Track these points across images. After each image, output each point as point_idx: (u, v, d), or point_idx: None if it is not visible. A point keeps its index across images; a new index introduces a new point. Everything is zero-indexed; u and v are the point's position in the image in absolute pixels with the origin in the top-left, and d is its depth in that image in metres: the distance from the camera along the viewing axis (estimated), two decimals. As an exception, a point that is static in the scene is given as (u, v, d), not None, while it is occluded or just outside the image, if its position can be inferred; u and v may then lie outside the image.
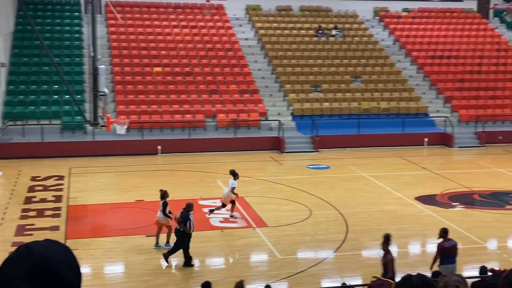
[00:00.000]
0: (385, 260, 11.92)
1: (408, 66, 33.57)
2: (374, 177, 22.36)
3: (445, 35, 35.83)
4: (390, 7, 38.21)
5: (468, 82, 32.16)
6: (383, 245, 12.09)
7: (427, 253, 15.80)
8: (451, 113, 30.16)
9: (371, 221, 17.59)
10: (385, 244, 12.03)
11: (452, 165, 25.58)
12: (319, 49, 33.47)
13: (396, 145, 27.54)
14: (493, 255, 15.34)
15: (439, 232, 12.71)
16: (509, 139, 28.60)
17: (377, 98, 30.39)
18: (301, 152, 26.41)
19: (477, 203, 19.86)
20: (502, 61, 34.11)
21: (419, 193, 20.34)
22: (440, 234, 12.66)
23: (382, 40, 35.46)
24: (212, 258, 15.12)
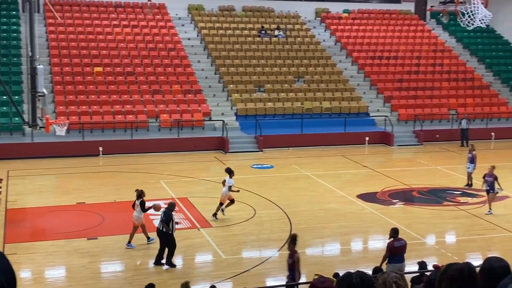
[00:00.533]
0: (291, 261, 11.83)
1: (349, 67, 34.16)
2: (317, 176, 22.66)
3: (384, 36, 36.64)
4: (331, 8, 38.78)
5: (406, 82, 33.00)
6: (290, 245, 12.01)
7: (369, 250, 16.15)
8: (390, 112, 30.88)
9: (314, 219, 17.82)
10: (292, 244, 11.96)
11: (392, 163, 26.18)
12: (262, 50, 33.65)
13: (338, 144, 27.99)
14: (431, 250, 15.80)
15: (389, 232, 12.97)
16: (446, 138, 29.51)
17: (320, 98, 30.80)
18: (245, 152, 26.49)
19: (416, 200, 20.41)
20: (439, 61, 35.16)
21: (361, 191, 20.74)
22: (391, 234, 12.92)
23: (324, 40, 35.95)
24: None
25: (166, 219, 13.97)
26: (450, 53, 36.25)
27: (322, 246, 16.17)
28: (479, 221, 17.83)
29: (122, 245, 15.41)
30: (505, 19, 38.21)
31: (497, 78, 35.46)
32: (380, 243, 16.45)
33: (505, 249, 15.23)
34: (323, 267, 14.20)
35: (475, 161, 21.00)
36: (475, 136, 29.11)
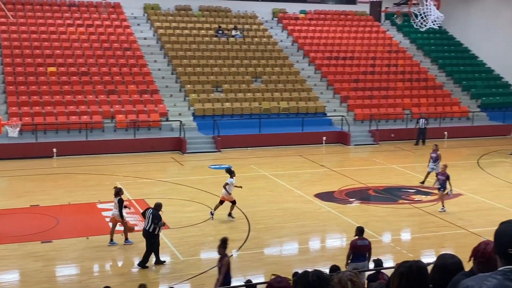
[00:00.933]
0: (220, 264, 11.75)
1: (306, 67, 34.40)
2: (275, 176, 22.72)
3: (340, 37, 37.02)
4: (288, 9, 38.98)
5: (362, 83, 33.43)
6: (219, 248, 11.88)
7: (327, 249, 16.28)
8: (347, 112, 31.22)
9: (273, 219, 17.86)
10: (221, 247, 11.85)
11: (349, 162, 26.47)
12: (219, 49, 33.57)
13: (296, 144, 28.14)
14: (387, 248, 16.02)
15: (355, 230, 13.12)
16: (400, 137, 30.01)
17: (277, 98, 30.91)
18: (203, 152, 26.37)
19: (372, 198, 20.68)
20: (394, 62, 35.74)
21: (318, 190, 20.89)
22: (356, 233, 13.08)
23: (281, 41, 36.11)
24: (112, 263, 14.75)
25: (158, 220, 13.97)
26: (405, 54, 36.89)
27: (280, 245, 16.22)
28: (432, 219, 18.18)
29: (77, 248, 15.14)
30: (457, 21, 39.11)
31: (450, 78, 36.26)
32: (337, 241, 16.63)
33: (457, 246, 15.56)
34: (281, 267, 14.24)
35: (439, 161, 21.39)
36: (428, 135, 29.75)
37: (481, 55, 38.21)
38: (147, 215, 14.17)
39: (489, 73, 37.24)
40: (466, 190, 21.23)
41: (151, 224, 13.98)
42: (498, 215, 17.95)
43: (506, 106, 34.09)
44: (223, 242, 11.97)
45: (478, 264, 3.97)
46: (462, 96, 34.80)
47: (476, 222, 17.81)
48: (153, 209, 14.27)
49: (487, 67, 37.63)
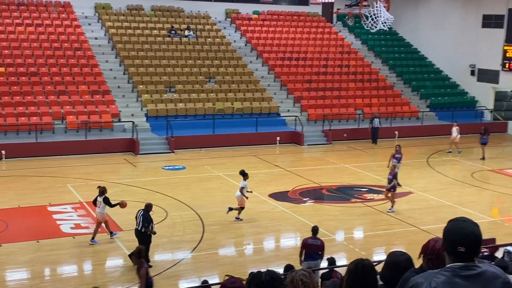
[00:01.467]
0: (138, 275, 11.36)
1: (260, 67, 34.50)
2: (229, 176, 22.70)
3: (293, 38, 37.28)
4: (241, 9, 39.01)
5: (315, 83, 33.74)
6: (135, 259, 11.48)
7: (281, 248, 16.37)
8: (300, 112, 31.46)
9: (227, 219, 17.82)
10: (136, 257, 11.51)
11: (303, 162, 26.67)
12: (172, 50, 33.34)
13: (250, 144, 28.20)
14: (341, 246, 16.23)
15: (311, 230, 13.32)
16: (353, 137, 30.43)
17: (231, 98, 30.90)
18: (156, 153, 26.13)
19: (326, 198, 20.91)
20: (346, 63, 36.21)
21: (273, 190, 20.99)
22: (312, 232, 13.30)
23: (234, 41, 36.12)
24: (63, 266, 14.46)
25: (147, 222, 13.93)
26: (356, 55, 37.42)
27: (235, 246, 16.22)
28: (384, 217, 18.50)
29: (27, 252, 14.79)
30: (407, 22, 39.93)
31: (400, 79, 36.97)
32: (291, 241, 16.73)
33: (408, 243, 15.89)
34: (236, 267, 14.26)
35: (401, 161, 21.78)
36: (380, 135, 30.29)
37: (429, 56, 39.10)
38: (138, 216, 14.13)
39: (438, 74, 38.15)
40: (416, 188, 21.68)
41: (142, 225, 13.97)
42: (447, 213, 18.44)
43: (454, 106, 34.97)
44: (138, 252, 11.60)
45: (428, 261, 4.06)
46: (412, 96, 35.53)
47: (426, 219, 18.22)
48: (144, 210, 14.20)
49: (435, 68, 38.54)
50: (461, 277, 2.96)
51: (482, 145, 26.96)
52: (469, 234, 3.04)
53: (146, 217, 14.02)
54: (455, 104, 35.27)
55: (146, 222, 13.95)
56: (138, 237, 14.09)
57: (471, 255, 3.03)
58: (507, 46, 33.63)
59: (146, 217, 14.02)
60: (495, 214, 19.85)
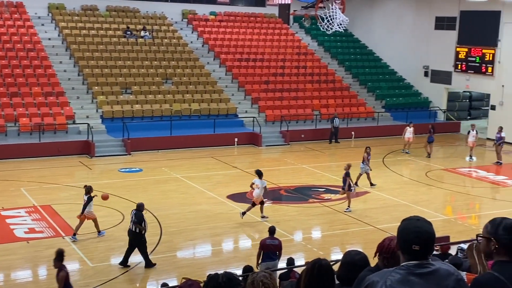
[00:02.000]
0: (57, 279, 11.13)
1: (217, 68, 34.43)
2: (187, 178, 22.57)
3: (250, 39, 37.34)
4: (198, 10, 38.87)
5: (273, 84, 33.86)
6: (55, 262, 11.28)
7: (240, 250, 16.35)
8: (258, 113, 31.52)
9: (185, 221, 17.73)
10: (57, 260, 11.27)
11: (261, 163, 26.67)
12: (128, 50, 32.96)
13: (208, 146, 28.09)
14: (299, 247, 16.31)
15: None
16: (310, 137, 30.65)
17: (188, 99, 30.73)
18: (112, 155, 25.77)
19: (284, 198, 20.99)
20: (303, 64, 36.46)
21: (231, 192, 20.95)
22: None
23: (191, 42, 35.95)
24: (18, 272, 14.12)
25: (138, 220, 14.02)
26: (313, 56, 37.72)
27: (193, 248, 16.13)
28: (341, 216, 18.69)
29: (-22, 259, 14.37)
30: (362, 24, 40.48)
31: (356, 80, 37.44)
32: (250, 242, 16.72)
33: (365, 242, 16.09)
34: (194, 269, 14.19)
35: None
36: (343, 134, 30.68)
37: (384, 58, 39.73)
38: (131, 216, 14.27)
39: (393, 75, 38.78)
40: (373, 188, 21.96)
41: (134, 225, 14.09)
42: (403, 211, 18.75)
43: (409, 107, 35.61)
44: (58, 254, 11.34)
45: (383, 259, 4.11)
46: (367, 97, 36.02)
47: (382, 218, 18.48)
48: (136, 210, 14.30)
49: (390, 69, 39.17)
50: (415, 275, 3.00)
51: (429, 143, 27.64)
52: (422, 232, 3.08)
53: (139, 216, 14.13)
54: (410, 104, 35.91)
55: (137, 219, 14.04)
56: (132, 238, 14.17)
57: (425, 253, 3.07)
58: (459, 47, 34.43)
59: (139, 216, 14.13)
60: (448, 212, 20.29)
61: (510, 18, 31.34)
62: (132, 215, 14.29)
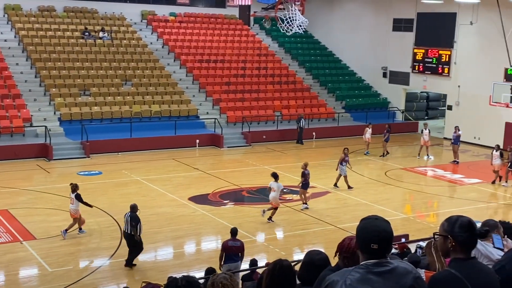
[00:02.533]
0: None
1: (178, 70, 34.23)
2: (148, 181, 22.36)
3: (211, 40, 37.25)
4: (157, 11, 38.58)
5: (234, 85, 33.85)
6: None
7: (202, 252, 16.26)
8: (219, 115, 31.45)
9: (146, 224, 17.46)
10: None
11: (222, 164, 26.66)
12: (86, 52, 32.49)
13: (169, 148, 27.89)
14: (261, 248, 16.33)
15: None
16: (272, 138, 30.75)
17: (148, 101, 30.46)
18: (71, 158, 25.35)
19: (246, 199, 20.99)
20: (263, 65, 36.55)
21: (192, 193, 20.85)
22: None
23: (151, 43, 35.66)
24: (-27, 280, 13.75)
25: (135, 222, 14.18)
26: (274, 57, 37.86)
27: (155, 251, 15.97)
28: (303, 217, 18.80)
29: None
30: (321, 26, 40.81)
31: (316, 81, 37.73)
32: (212, 244, 16.67)
33: (326, 242, 16.21)
34: (156, 272, 14.06)
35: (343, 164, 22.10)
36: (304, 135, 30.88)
37: (344, 59, 40.15)
38: (126, 218, 14.36)
39: (352, 76, 39.22)
40: (334, 188, 22.14)
41: (130, 227, 14.18)
42: (363, 211, 18.96)
43: (368, 107, 36.06)
44: None
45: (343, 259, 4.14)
46: (328, 98, 36.32)
47: (343, 218, 18.65)
48: (130, 212, 14.40)
49: (350, 70, 39.61)
50: (374, 273, 3.03)
51: (384, 142, 28.14)
52: (381, 231, 3.11)
53: (134, 217, 14.26)
54: (369, 105, 36.37)
55: (134, 221, 14.17)
56: (128, 240, 14.34)
57: (384, 251, 3.10)
58: (417, 49, 35.04)
59: (134, 217, 14.26)
60: (407, 210, 20.61)
61: (466, 20, 32.06)
62: (127, 218, 14.32)
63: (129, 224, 14.23)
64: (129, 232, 14.24)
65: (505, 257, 3.53)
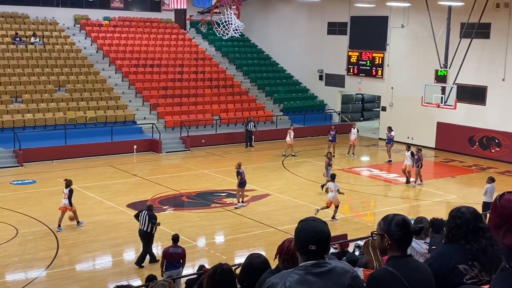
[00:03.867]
0: None
1: (113, 75, 33.67)
2: (84, 188, 21.86)
3: (147, 44, 36.83)
4: (91, 15, 37.82)
5: (171, 90, 33.57)
6: None
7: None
8: (157, 119, 31.12)
9: (83, 233, 17.17)
10: None
11: (161, 170, 26.38)
12: (18, 58, 31.50)
13: (106, 154, 27.38)
14: (202, 252, 16.25)
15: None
16: (210, 142, 30.68)
17: (83, 107, 29.81)
18: (3, 168, 24.50)
19: (186, 205, 20.85)
20: (201, 69, 36.43)
21: (131, 200, 20.53)
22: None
23: (85, 48, 34.93)
24: None
25: (154, 218, 14.81)
26: (211, 61, 37.80)
27: (93, 260, 15.64)
28: (244, 220, 18.83)
29: None
30: (258, 30, 41.07)
31: (254, 84, 37.91)
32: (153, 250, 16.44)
33: (267, 244, 16.29)
34: (95, 282, 13.78)
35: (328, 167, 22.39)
36: (238, 139, 30.93)
37: (281, 62, 40.52)
38: (143, 216, 14.82)
39: (289, 79, 39.63)
40: (273, 190, 22.31)
41: (148, 224, 14.70)
42: (302, 212, 19.16)
43: (305, 110, 36.51)
44: None
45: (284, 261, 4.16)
46: (266, 101, 36.56)
47: (283, 220, 18.79)
48: (147, 210, 14.99)
49: (287, 73, 40.00)
50: (313, 274, 3.06)
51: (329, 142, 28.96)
52: (318, 232, 3.15)
53: (153, 215, 14.87)
54: (306, 107, 36.84)
55: (154, 218, 14.78)
56: (142, 237, 14.88)
57: (321, 252, 3.14)
58: (351, 51, 35.75)
59: (153, 215, 14.87)
60: (346, 210, 20.95)
61: (397, 23, 32.96)
62: (144, 216, 14.79)
63: (147, 222, 14.72)
64: (146, 229, 14.76)
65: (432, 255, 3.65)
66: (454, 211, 3.70)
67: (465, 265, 3.41)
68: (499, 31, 28.45)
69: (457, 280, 3.37)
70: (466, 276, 3.39)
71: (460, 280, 3.37)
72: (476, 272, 3.41)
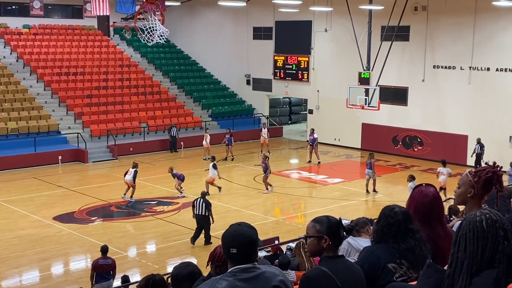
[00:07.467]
0: None
1: (35, 84, 32.62)
2: (7, 202, 21.07)
3: (69, 52, 35.90)
4: (9, 23, 36.49)
5: (96, 98, 32.86)
6: None
7: (71, 272, 15.59)
8: (82, 129, 30.38)
9: (8, 249, 16.52)
10: None
11: (88, 180, 25.75)
12: None
13: (29, 166, 26.47)
14: (133, 263, 15.96)
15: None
16: (139, 150, 30.22)
17: (4, 118, 28.72)
18: None
19: (115, 215, 20.45)
20: (126, 76, 35.85)
21: (57, 213, 19.94)
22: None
23: (4, 57, 33.68)
24: None
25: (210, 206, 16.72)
26: (137, 68, 37.27)
27: (20, 276, 15.08)
28: (175, 227, 18.65)
29: None
30: (183, 35, 40.84)
31: (182, 90, 37.67)
32: (81, 263, 16.05)
33: (200, 251, 16.18)
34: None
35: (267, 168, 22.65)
36: (164, 146, 30.67)
37: (208, 67, 40.46)
38: (198, 203, 16.66)
39: (217, 84, 39.62)
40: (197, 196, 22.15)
41: (205, 210, 16.57)
42: (234, 217, 19.18)
43: (234, 114, 36.60)
44: None
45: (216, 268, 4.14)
46: (194, 107, 36.40)
47: (214, 225, 18.62)
48: (202, 197, 16.83)
49: (214, 79, 39.97)
50: (241, 280, 3.04)
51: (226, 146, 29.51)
52: (239, 235, 3.12)
53: (207, 203, 16.69)
54: (235, 112, 36.93)
55: (209, 206, 16.65)
56: (200, 221, 16.67)
57: (244, 256, 3.10)
58: (277, 56, 36.15)
59: (207, 203, 16.69)
60: (277, 213, 21.14)
61: (321, 27, 33.58)
62: (199, 203, 16.60)
63: (203, 208, 16.52)
64: (203, 213, 16.52)
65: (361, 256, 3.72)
66: (388, 209, 3.71)
67: (394, 264, 3.49)
68: (417, 34, 29.52)
69: (387, 279, 3.44)
70: (395, 274, 3.46)
71: (390, 278, 3.44)
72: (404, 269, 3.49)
